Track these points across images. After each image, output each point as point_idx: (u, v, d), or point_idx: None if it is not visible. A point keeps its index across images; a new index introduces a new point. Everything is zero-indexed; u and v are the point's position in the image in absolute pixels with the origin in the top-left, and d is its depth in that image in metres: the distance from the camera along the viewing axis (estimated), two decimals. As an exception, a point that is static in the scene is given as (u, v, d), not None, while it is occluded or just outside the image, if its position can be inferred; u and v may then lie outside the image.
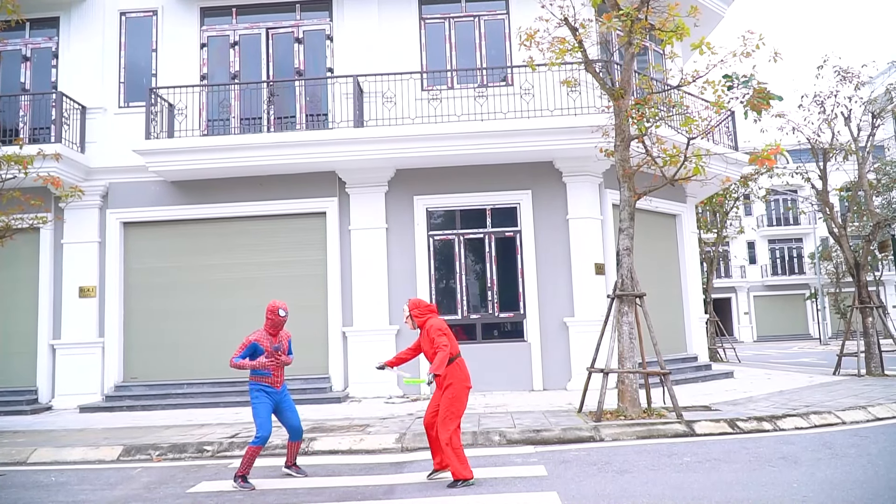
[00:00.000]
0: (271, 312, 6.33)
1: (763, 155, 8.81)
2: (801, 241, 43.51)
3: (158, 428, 9.51)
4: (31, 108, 13.33)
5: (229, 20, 13.60)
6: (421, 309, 6.24)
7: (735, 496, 5.27)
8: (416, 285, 12.59)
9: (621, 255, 9.19)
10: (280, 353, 6.37)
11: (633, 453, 7.06)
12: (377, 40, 13.18)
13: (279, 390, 6.44)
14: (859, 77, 13.67)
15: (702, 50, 8.58)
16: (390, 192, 12.85)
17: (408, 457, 7.43)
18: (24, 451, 8.11)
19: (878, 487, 5.38)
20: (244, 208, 12.91)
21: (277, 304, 6.36)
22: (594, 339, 10.13)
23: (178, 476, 6.90)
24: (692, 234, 15.11)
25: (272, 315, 6.32)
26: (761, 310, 42.99)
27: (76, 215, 12.91)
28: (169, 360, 12.70)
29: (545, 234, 12.68)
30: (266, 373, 6.31)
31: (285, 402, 6.53)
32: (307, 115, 13.17)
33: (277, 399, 6.42)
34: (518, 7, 13.05)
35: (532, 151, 12.16)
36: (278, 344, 6.40)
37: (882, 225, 14.41)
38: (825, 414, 8.56)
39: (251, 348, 6.27)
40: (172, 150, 12.08)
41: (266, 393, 6.33)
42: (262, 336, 6.34)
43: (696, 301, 14.75)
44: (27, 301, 12.87)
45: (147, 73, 13.47)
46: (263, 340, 6.31)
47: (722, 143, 14.03)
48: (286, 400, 6.55)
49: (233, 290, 12.77)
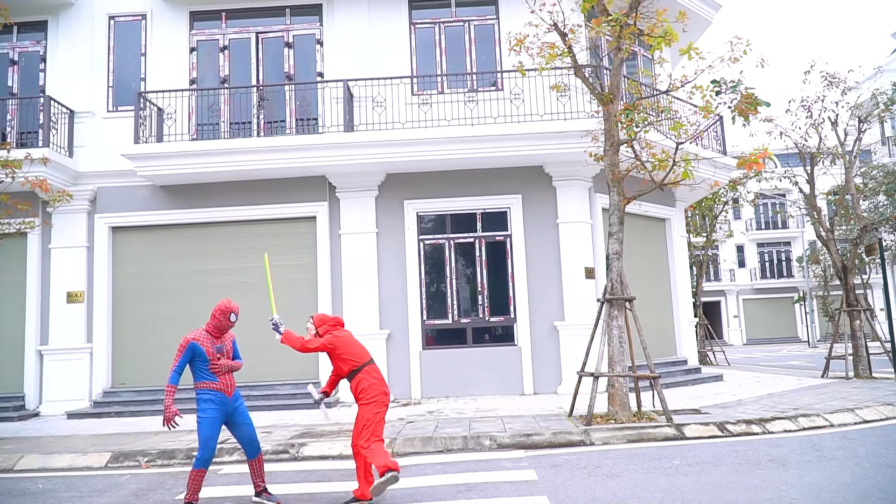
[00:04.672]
0: (222, 314, 5.62)
1: (751, 159, 8.86)
2: (789, 244, 43.80)
3: (147, 434, 9.45)
4: (18, 112, 13.24)
5: (219, 24, 13.57)
6: (327, 324, 5.86)
7: (724, 499, 5.29)
8: (406, 290, 12.58)
9: (611, 259, 9.23)
10: (222, 355, 5.64)
11: (623, 457, 7.08)
12: (367, 45, 13.19)
13: (231, 398, 5.65)
14: (846, 82, 13.80)
15: (690, 55, 8.63)
16: (380, 196, 12.84)
17: (399, 462, 7.39)
18: (11, 457, 8.03)
19: (865, 489, 5.41)
20: (234, 213, 12.86)
21: (231, 307, 5.65)
22: (584, 342, 10.16)
23: (167, 483, 6.85)
24: (681, 238, 15.18)
25: (222, 317, 5.62)
26: (750, 313, 43.21)
27: (64, 220, 12.82)
28: (158, 366, 12.58)
29: (535, 239, 12.70)
30: (212, 377, 5.55)
31: (239, 412, 5.74)
32: (297, 119, 13.15)
33: (229, 409, 5.64)
34: (507, 12, 13.10)
35: (522, 156, 12.19)
36: (221, 344, 5.67)
37: (869, 228, 14.53)
38: (814, 417, 8.61)
39: (190, 350, 5.50)
40: (161, 155, 12.02)
41: (215, 403, 5.53)
42: (201, 336, 5.59)
43: (686, 304, 14.81)
44: (14, 306, 12.76)
45: (136, 78, 13.42)
46: (203, 340, 5.56)
47: (710, 147, 14.12)
48: (240, 410, 5.75)
49: (222, 295, 12.58)
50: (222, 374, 5.61)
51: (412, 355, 12.39)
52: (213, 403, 5.53)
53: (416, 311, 12.56)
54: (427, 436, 8.20)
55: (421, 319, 12.59)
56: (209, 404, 5.51)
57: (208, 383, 5.54)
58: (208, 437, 5.47)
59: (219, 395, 5.56)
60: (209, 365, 5.55)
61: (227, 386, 5.64)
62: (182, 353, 5.50)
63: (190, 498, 5.48)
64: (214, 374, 5.57)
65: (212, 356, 5.57)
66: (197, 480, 5.47)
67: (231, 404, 5.66)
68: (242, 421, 5.75)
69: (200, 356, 5.54)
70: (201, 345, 5.54)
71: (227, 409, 5.62)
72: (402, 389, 12.29)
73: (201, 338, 5.58)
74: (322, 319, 5.94)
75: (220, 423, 5.59)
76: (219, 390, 5.56)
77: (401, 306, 12.55)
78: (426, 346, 12.58)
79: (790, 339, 41.85)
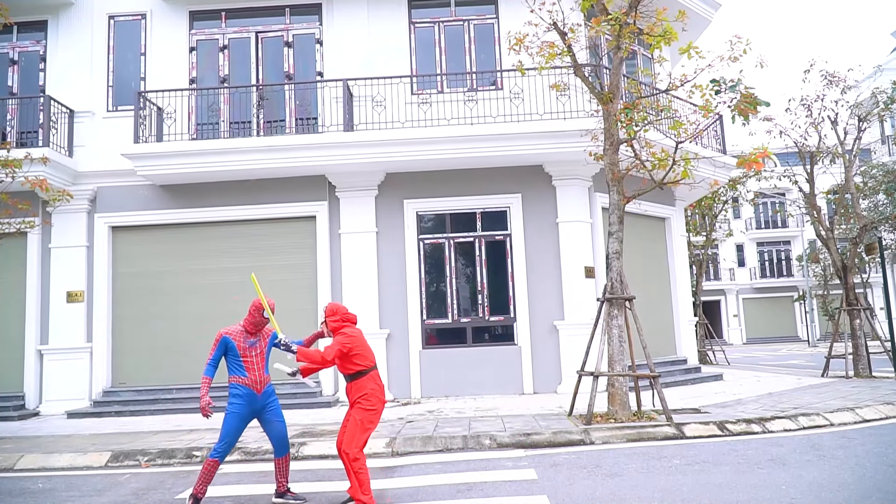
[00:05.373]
0: (256, 309, 5.72)
1: (751, 158, 8.86)
2: (789, 243, 43.80)
3: (147, 433, 9.45)
4: (18, 112, 13.24)
5: (218, 24, 13.56)
6: (340, 316, 5.60)
7: (724, 498, 5.29)
8: (406, 289, 12.59)
9: (611, 258, 9.23)
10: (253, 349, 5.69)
11: (623, 456, 7.08)
12: (367, 44, 13.18)
13: (261, 395, 5.68)
14: (845, 81, 13.80)
15: (689, 54, 8.63)
16: (380, 195, 12.84)
17: (398, 461, 7.42)
18: (12, 457, 8.03)
19: (865, 489, 5.41)
20: (233, 212, 12.86)
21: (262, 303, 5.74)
22: (584, 342, 10.16)
23: (167, 482, 6.85)
24: (681, 238, 15.18)
25: (256, 312, 5.72)
26: (750, 312, 43.21)
27: (64, 219, 12.82)
28: (158, 366, 12.62)
29: (535, 238, 12.70)
30: (242, 372, 5.61)
31: (270, 409, 5.76)
32: (297, 118, 13.15)
33: (258, 406, 5.67)
34: (507, 11, 13.09)
35: (522, 155, 12.19)
36: (254, 340, 5.73)
37: (869, 227, 14.53)
38: (813, 416, 8.61)
39: (222, 344, 5.63)
40: (161, 154, 12.02)
41: (242, 399, 5.57)
42: (235, 331, 5.70)
43: (686, 304, 14.81)
44: (14, 306, 12.76)
45: (136, 77, 13.42)
46: (236, 335, 5.67)
47: (710, 146, 14.12)
48: (271, 407, 5.78)
49: (222, 294, 12.71)
50: (253, 370, 5.66)
51: (412, 355, 12.39)
52: (240, 398, 5.59)
53: (416, 310, 12.56)
54: (427, 435, 8.21)
55: (421, 319, 12.60)
56: (237, 399, 5.59)
57: (238, 378, 5.62)
58: (229, 430, 5.54)
59: (247, 390, 5.61)
60: (240, 360, 5.64)
61: (257, 382, 5.67)
62: (216, 347, 5.64)
63: (198, 490, 5.47)
64: (245, 370, 5.63)
65: (243, 351, 5.65)
66: (209, 470, 5.49)
67: (261, 401, 5.70)
68: (273, 418, 5.78)
69: (232, 350, 5.65)
70: (233, 339, 5.66)
71: (255, 406, 5.67)
72: (401, 389, 12.29)
73: (234, 333, 5.69)
74: (334, 310, 5.63)
75: (245, 418, 5.63)
76: (248, 385, 5.62)
77: (401, 306, 12.56)
78: (426, 346, 12.58)
79: (790, 338, 41.85)
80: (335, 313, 5.61)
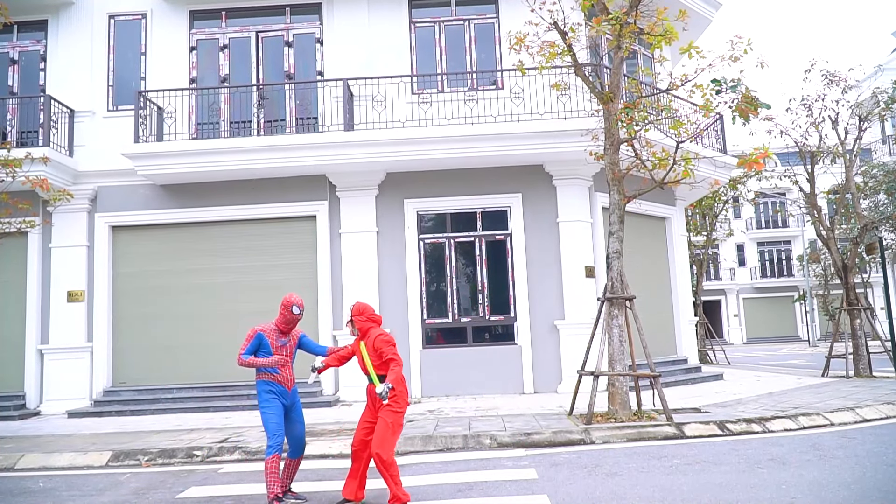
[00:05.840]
0: (285, 307, 5.67)
1: (751, 158, 8.86)
2: (789, 243, 43.79)
3: (147, 433, 9.45)
4: (18, 112, 13.24)
5: (219, 23, 13.56)
6: (366, 316, 5.55)
7: (724, 498, 5.29)
8: (406, 289, 12.59)
9: (611, 258, 9.23)
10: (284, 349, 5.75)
11: (623, 456, 7.08)
12: (367, 44, 13.18)
13: (290, 392, 5.75)
14: (846, 81, 13.79)
15: (690, 54, 8.63)
16: (381, 195, 12.84)
17: (399, 461, 7.36)
18: (12, 456, 8.04)
19: (865, 488, 5.42)
20: (234, 212, 12.86)
21: (292, 300, 5.69)
22: (584, 341, 10.16)
23: (168, 481, 6.86)
24: (682, 237, 15.18)
25: (285, 310, 5.68)
26: (750, 312, 43.20)
27: (64, 219, 12.83)
28: (158, 365, 12.63)
29: (535, 238, 12.70)
30: (274, 370, 5.66)
31: (295, 408, 5.83)
32: (297, 118, 13.15)
33: (288, 403, 5.74)
34: (507, 11, 13.09)
35: (522, 155, 12.19)
36: (285, 339, 5.77)
37: (869, 227, 14.53)
38: (814, 415, 8.61)
39: (256, 340, 5.66)
40: (161, 154, 12.02)
41: (275, 394, 5.65)
42: (268, 328, 5.73)
43: (686, 303, 14.81)
44: (15, 305, 12.77)
45: (136, 77, 13.42)
46: (270, 333, 5.70)
47: (711, 146, 14.11)
48: (296, 407, 5.84)
49: (222, 294, 12.72)
50: (283, 368, 5.71)
51: (412, 354, 12.39)
52: (273, 395, 5.65)
53: (417, 310, 12.56)
54: (427, 434, 8.21)
55: (421, 318, 12.60)
56: (270, 395, 5.64)
57: (269, 375, 5.66)
58: (276, 423, 5.58)
59: (278, 386, 5.68)
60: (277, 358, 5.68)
61: (287, 380, 5.74)
62: (249, 342, 5.66)
63: (272, 495, 5.43)
64: (276, 367, 5.67)
65: (275, 350, 5.70)
66: (273, 470, 5.48)
67: (290, 399, 5.77)
68: (296, 419, 5.84)
69: (265, 347, 5.69)
70: (267, 336, 5.69)
71: (285, 402, 5.72)
72: (402, 388, 12.28)
73: (268, 331, 5.73)
74: (362, 310, 5.55)
75: (282, 412, 5.68)
76: (279, 382, 5.68)
77: (401, 305, 12.56)
78: (426, 345, 12.58)
79: (790, 338, 41.84)
80: (362, 313, 5.57)
